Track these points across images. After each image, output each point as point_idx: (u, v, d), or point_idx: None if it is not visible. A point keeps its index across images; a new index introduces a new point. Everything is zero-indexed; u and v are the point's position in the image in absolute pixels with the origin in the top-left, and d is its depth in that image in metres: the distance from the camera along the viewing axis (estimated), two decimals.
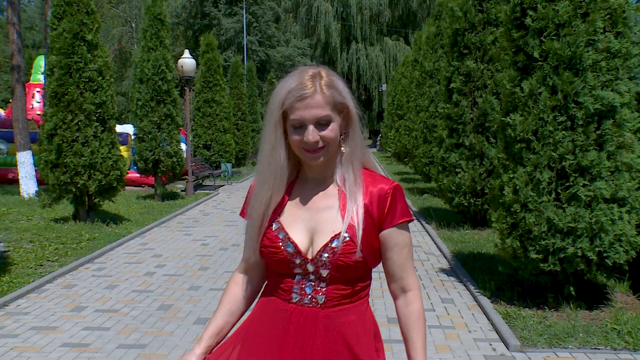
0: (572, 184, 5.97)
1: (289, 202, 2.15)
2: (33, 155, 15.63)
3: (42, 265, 8.43)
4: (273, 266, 2.14)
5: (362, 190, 2.10)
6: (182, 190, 18.46)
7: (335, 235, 2.04)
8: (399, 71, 28.13)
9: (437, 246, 9.98)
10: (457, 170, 10.80)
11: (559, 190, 6.05)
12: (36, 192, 15.43)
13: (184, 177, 19.08)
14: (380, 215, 2.09)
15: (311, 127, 2.01)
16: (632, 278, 7.19)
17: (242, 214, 2.24)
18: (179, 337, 5.78)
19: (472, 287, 7.20)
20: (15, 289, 7.20)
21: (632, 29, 6.18)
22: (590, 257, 5.94)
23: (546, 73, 6.12)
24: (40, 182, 15.60)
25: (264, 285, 2.26)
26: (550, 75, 6.08)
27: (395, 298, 2.23)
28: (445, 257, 9.14)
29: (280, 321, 2.10)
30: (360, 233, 2.04)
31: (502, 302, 6.57)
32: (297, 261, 2.07)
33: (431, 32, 17.11)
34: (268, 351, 2.09)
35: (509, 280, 7.17)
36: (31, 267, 8.26)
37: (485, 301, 6.59)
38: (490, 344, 5.55)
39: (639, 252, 6.21)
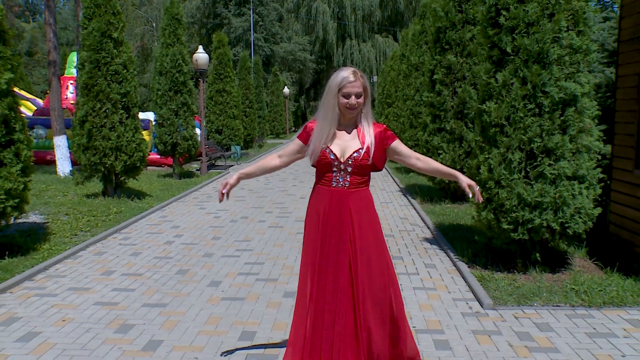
0: (539, 163, 5.99)
1: (333, 136, 3.48)
2: (67, 139, 15.61)
3: (76, 235, 8.47)
4: (322, 168, 3.50)
5: (372, 129, 3.49)
6: (197, 170, 18.44)
7: (356, 150, 3.44)
8: (388, 64, 27.94)
9: (422, 218, 10.01)
10: (440, 151, 10.81)
11: (528, 169, 6.07)
12: (70, 171, 15.43)
13: (198, 158, 19.06)
14: (382, 140, 3.51)
15: (353, 97, 3.38)
16: (589, 245, 7.25)
17: (300, 138, 3.60)
18: (195, 297, 5.82)
19: (451, 254, 7.23)
20: (54, 255, 7.26)
21: (591, 28, 6.16)
22: (554, 228, 5.98)
23: (517, 66, 6.11)
24: (73, 162, 15.64)
25: (315, 181, 3.64)
26: (521, 68, 6.08)
27: (414, 165, 3.63)
28: (429, 228, 9.18)
29: (327, 196, 3.52)
30: (372, 150, 3.44)
31: (477, 267, 6.61)
32: (335, 163, 3.46)
33: (416, 30, 16.98)
34: (322, 212, 3.51)
35: (484, 248, 7.21)
36: (67, 237, 8.30)
37: (463, 266, 6.63)
38: (467, 303, 5.60)
39: (596, 222, 6.24)
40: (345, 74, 3.38)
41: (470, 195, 3.56)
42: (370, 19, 57.13)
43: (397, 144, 3.57)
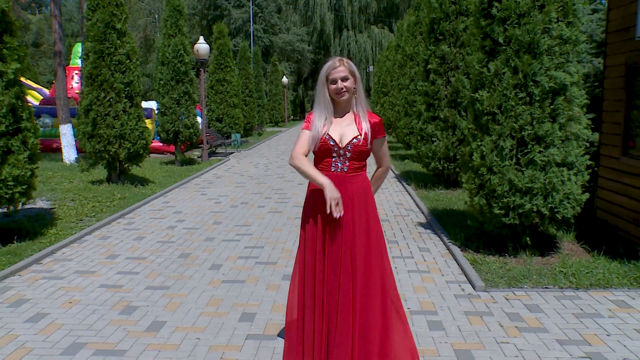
0: (530, 150, 5.99)
1: (331, 123, 3.51)
2: (73, 127, 15.59)
3: (82, 220, 8.48)
4: (321, 153, 3.52)
5: (368, 117, 3.54)
6: (198, 157, 18.43)
7: (355, 136, 3.48)
8: (384, 55, 27.84)
9: (416, 204, 10.02)
10: (433, 139, 10.81)
11: (519, 156, 6.07)
12: (76, 159, 15.42)
13: (199, 145, 19.06)
14: (374, 131, 3.54)
15: (339, 81, 3.43)
16: (577, 230, 7.28)
17: (306, 128, 3.55)
18: (197, 280, 5.84)
19: (445, 238, 7.25)
20: (61, 240, 7.26)
21: (580, 20, 6.14)
22: (544, 212, 6.00)
23: (509, 56, 6.10)
24: (79, 150, 15.62)
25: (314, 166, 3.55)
26: (513, 57, 6.06)
27: (378, 168, 3.80)
28: (423, 213, 9.19)
29: None
30: (369, 136, 3.50)
31: (470, 250, 6.63)
32: (335, 149, 3.48)
33: (411, 21, 16.93)
34: (322, 198, 3.41)
35: (476, 232, 7.23)
36: (73, 222, 8.31)
37: (456, 250, 6.64)
38: (460, 285, 5.62)
39: (584, 208, 6.25)
40: (330, 63, 3.49)
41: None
42: (367, 11, 56.87)
43: (382, 141, 3.64)
